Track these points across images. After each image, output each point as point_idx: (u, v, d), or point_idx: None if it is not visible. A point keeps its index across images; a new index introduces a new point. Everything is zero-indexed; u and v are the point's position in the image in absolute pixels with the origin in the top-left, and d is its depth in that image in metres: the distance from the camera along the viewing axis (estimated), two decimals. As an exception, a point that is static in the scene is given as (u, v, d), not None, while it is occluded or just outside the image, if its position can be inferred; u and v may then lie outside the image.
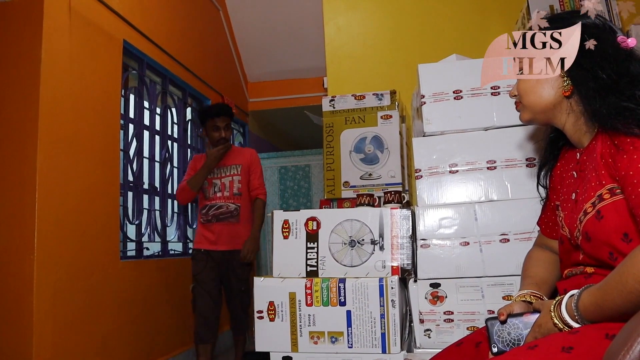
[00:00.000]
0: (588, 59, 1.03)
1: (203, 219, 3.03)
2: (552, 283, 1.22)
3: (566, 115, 1.10)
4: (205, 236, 3.01)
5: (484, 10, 2.92)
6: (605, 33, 1.06)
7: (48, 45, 2.38)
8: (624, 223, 0.95)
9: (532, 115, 1.15)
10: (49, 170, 2.34)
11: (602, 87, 1.00)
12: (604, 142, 1.01)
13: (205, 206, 3.04)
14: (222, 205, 3.03)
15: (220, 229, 3.01)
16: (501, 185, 1.59)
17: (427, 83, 1.66)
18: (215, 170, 3.07)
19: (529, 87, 1.12)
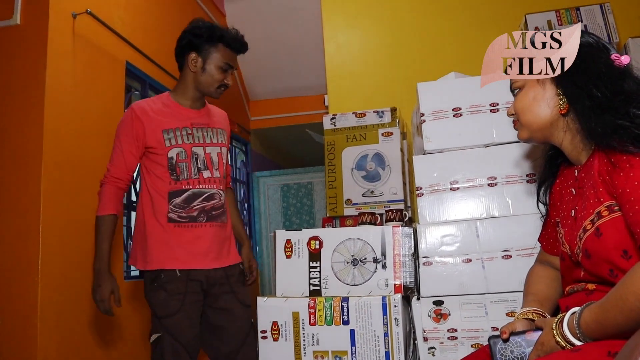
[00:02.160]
0: (583, 77, 1.04)
1: (175, 217, 1.81)
2: (554, 300, 1.23)
3: (563, 133, 1.11)
4: (183, 246, 1.81)
5: (482, 27, 2.95)
6: (598, 51, 1.07)
7: (52, 68, 2.41)
8: (623, 240, 0.95)
9: (529, 134, 1.16)
10: (53, 191, 2.36)
11: (597, 105, 1.01)
12: (600, 159, 1.02)
13: (178, 193, 1.83)
14: (212, 193, 1.89)
15: (211, 235, 1.87)
16: (502, 201, 1.60)
17: (427, 101, 1.67)
18: (196, 131, 1.89)
19: (525, 105, 1.14)
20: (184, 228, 1.82)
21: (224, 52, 1.88)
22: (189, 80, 1.91)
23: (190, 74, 1.90)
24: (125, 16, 3.05)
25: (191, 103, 1.93)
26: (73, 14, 2.56)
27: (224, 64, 1.88)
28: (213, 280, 1.86)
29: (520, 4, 2.75)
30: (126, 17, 3.07)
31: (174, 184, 1.83)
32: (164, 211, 1.81)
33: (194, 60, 1.87)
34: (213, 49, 1.86)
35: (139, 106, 1.85)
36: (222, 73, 1.88)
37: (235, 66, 1.95)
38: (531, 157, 1.60)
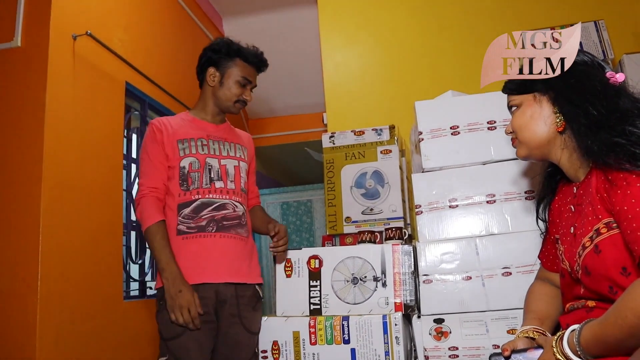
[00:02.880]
0: (578, 95, 1.06)
1: (184, 228, 1.72)
2: (554, 317, 1.22)
3: (561, 150, 1.12)
4: (190, 259, 1.69)
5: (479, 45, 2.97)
6: (594, 69, 1.09)
7: (52, 89, 2.42)
8: (622, 257, 0.95)
9: (528, 151, 1.17)
10: (53, 212, 2.36)
11: (593, 123, 1.02)
12: (598, 176, 1.02)
13: (187, 204, 1.74)
14: (225, 203, 1.78)
15: (223, 246, 1.73)
16: (501, 218, 1.60)
17: (425, 119, 1.68)
18: (212, 143, 1.85)
19: (523, 123, 1.15)
20: (191, 239, 1.71)
21: (242, 66, 1.88)
22: (207, 95, 1.91)
23: (209, 89, 1.91)
24: (125, 37, 3.08)
25: (210, 118, 1.92)
26: (73, 35, 2.58)
27: (241, 79, 1.87)
28: (223, 297, 1.68)
29: (516, 22, 2.79)
30: (126, 38, 3.10)
31: (182, 196, 1.75)
32: (174, 224, 1.73)
33: (212, 75, 1.88)
34: (231, 63, 1.88)
35: (157, 120, 1.86)
36: (240, 88, 1.87)
37: (253, 82, 1.93)
38: (529, 174, 1.60)
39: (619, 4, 2.87)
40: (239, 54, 1.89)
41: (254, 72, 1.93)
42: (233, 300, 1.70)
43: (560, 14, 2.85)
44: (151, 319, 3.05)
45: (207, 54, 1.91)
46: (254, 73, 1.93)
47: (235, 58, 1.88)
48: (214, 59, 1.89)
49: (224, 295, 1.68)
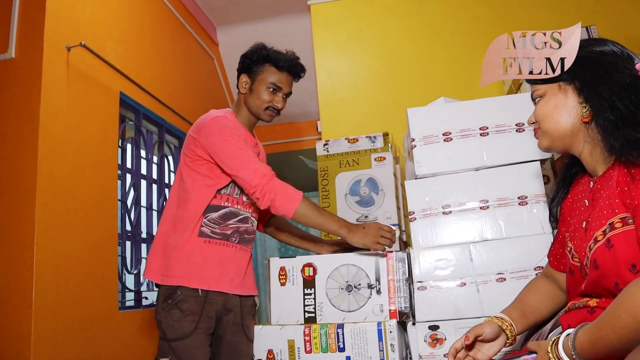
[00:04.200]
0: (606, 88, 1.02)
1: (208, 231, 1.68)
2: (541, 314, 1.22)
3: (583, 143, 1.09)
4: (211, 265, 1.66)
5: (471, 52, 3.00)
6: (623, 61, 1.05)
7: (46, 100, 2.42)
8: (634, 254, 0.94)
9: (550, 142, 1.14)
10: (47, 222, 2.35)
11: (619, 118, 1.00)
12: (620, 171, 1.00)
13: (216, 208, 1.70)
14: (247, 217, 1.78)
15: (240, 259, 1.74)
16: (495, 224, 1.60)
17: (417, 126, 1.69)
18: None
19: (547, 112, 1.12)
20: (214, 245, 1.68)
21: (272, 72, 1.82)
22: (241, 102, 1.87)
23: (242, 97, 1.87)
24: (118, 48, 3.09)
25: (248, 127, 1.88)
26: (67, 46, 2.58)
27: (270, 84, 1.81)
28: (230, 307, 1.69)
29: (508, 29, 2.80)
30: (120, 49, 3.10)
31: (213, 198, 1.70)
32: (196, 224, 1.68)
33: (244, 82, 1.85)
34: (261, 69, 1.83)
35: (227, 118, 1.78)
36: (270, 94, 1.81)
37: (285, 88, 1.86)
38: (523, 179, 1.61)
39: (611, 10, 2.90)
40: (268, 59, 1.83)
41: (287, 78, 1.86)
42: (237, 310, 1.71)
43: (552, 20, 2.88)
44: (147, 330, 3.05)
45: (241, 61, 1.89)
46: (286, 79, 1.86)
47: (264, 64, 1.83)
48: (246, 65, 1.85)
49: (230, 305, 1.69)
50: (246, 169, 1.62)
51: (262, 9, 4.27)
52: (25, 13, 2.51)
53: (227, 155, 1.66)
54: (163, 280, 1.66)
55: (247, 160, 1.64)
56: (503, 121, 1.64)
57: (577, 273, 1.10)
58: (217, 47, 4.77)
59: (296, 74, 1.90)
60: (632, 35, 2.81)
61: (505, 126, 1.64)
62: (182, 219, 1.69)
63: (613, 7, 2.93)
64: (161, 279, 1.67)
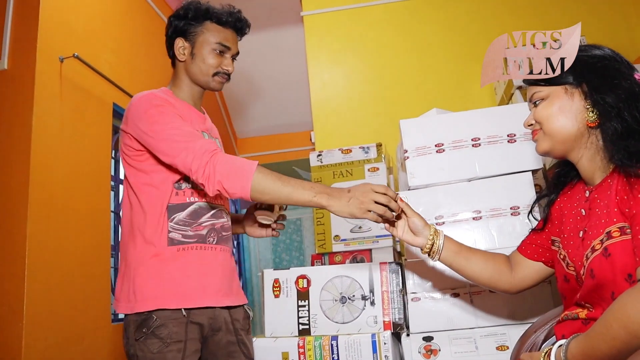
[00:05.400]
0: (614, 94, 1.02)
1: (179, 236, 1.40)
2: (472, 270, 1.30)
3: (584, 149, 1.08)
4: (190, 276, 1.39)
5: (463, 63, 3.03)
6: (627, 69, 1.06)
7: (39, 110, 2.42)
8: (630, 263, 0.93)
9: (551, 145, 1.12)
10: (40, 234, 2.34)
11: (624, 127, 1.00)
12: (620, 179, 1.00)
13: (181, 207, 1.43)
14: (221, 210, 1.52)
15: (223, 262, 1.48)
16: (488, 235, 1.61)
17: (409, 138, 1.70)
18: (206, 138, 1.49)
19: (551, 114, 1.10)
20: (191, 251, 1.40)
21: (214, 30, 1.53)
22: (181, 73, 1.57)
23: (181, 66, 1.57)
24: (111, 59, 3.10)
25: (193, 102, 1.58)
26: (60, 57, 2.59)
27: (217, 45, 1.52)
28: (218, 324, 1.42)
29: (499, 39, 2.83)
30: (113, 60, 3.11)
31: (174, 195, 1.41)
32: (161, 232, 1.39)
33: (181, 47, 1.54)
34: (200, 28, 1.52)
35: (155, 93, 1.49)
36: (217, 57, 1.52)
37: (233, 48, 1.57)
38: (515, 189, 1.62)
39: (600, 22, 2.93)
40: (209, 15, 1.53)
41: (233, 36, 1.57)
42: (229, 327, 1.45)
43: (542, 31, 2.91)
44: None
45: (172, 23, 1.56)
46: (232, 37, 1.57)
47: (204, 22, 1.53)
48: (181, 27, 1.53)
49: (218, 323, 1.43)
50: (182, 150, 1.31)
51: (255, 19, 4.26)
52: (19, 24, 2.51)
53: (160, 139, 1.35)
54: (132, 308, 1.35)
55: (183, 139, 1.33)
56: (495, 132, 1.65)
57: (572, 281, 1.10)
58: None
59: (241, 29, 1.61)
60: (621, 45, 2.84)
61: (496, 137, 1.65)
62: (142, 230, 1.39)
63: (602, 19, 2.96)
64: (129, 307, 1.36)
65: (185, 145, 1.31)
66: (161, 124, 1.36)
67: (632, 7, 3.00)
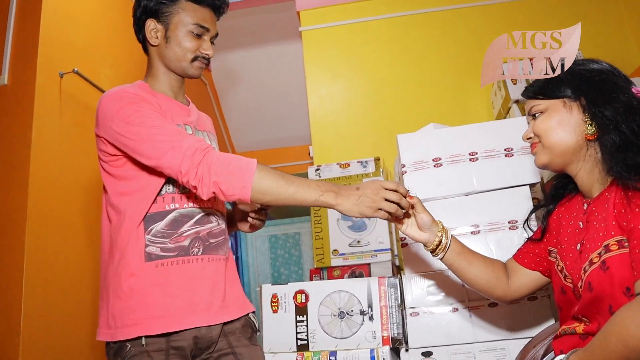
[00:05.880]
0: (612, 107, 1.03)
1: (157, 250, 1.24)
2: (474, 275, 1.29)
3: (583, 161, 1.09)
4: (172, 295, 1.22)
5: (460, 77, 3.05)
6: (624, 82, 1.07)
7: (38, 125, 2.43)
8: (628, 277, 0.94)
9: (550, 158, 1.13)
10: (38, 247, 2.33)
11: (623, 140, 1.00)
12: (617, 192, 1.01)
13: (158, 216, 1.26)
14: (208, 213, 1.34)
15: (213, 274, 1.30)
16: (486, 249, 1.61)
17: (407, 152, 1.70)
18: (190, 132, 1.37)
19: (550, 127, 1.11)
20: (171, 267, 1.23)
21: (190, 9, 1.34)
22: (155, 60, 1.39)
23: (154, 51, 1.39)
24: (111, 73, 3.11)
25: (173, 93, 1.41)
26: (60, 73, 2.60)
27: (194, 27, 1.34)
28: (207, 342, 1.26)
29: (496, 54, 2.86)
30: (112, 74, 3.12)
31: (153, 204, 1.25)
32: (139, 246, 1.22)
33: (153, 30, 1.35)
34: (174, 8, 1.34)
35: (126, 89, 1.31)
36: (194, 39, 1.34)
37: (212, 29, 1.39)
38: (512, 203, 1.62)
39: (596, 36, 2.95)
40: None
41: (211, 15, 1.39)
42: (222, 338, 1.30)
43: (539, 46, 2.93)
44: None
45: (141, 3, 1.37)
46: (210, 16, 1.39)
47: (178, 0, 1.35)
48: (152, 7, 1.35)
49: (208, 340, 1.26)
50: (169, 150, 1.17)
51: (253, 35, 4.32)
52: (19, 40, 2.53)
53: (141, 141, 1.20)
54: (111, 335, 1.20)
55: (168, 138, 1.18)
56: (492, 146, 1.66)
57: (569, 293, 1.10)
58: (209, 73, 4.81)
59: (219, 8, 1.42)
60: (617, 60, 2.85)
61: (494, 151, 1.66)
62: (119, 246, 1.24)
63: (598, 33, 2.99)
64: (108, 333, 1.21)
65: (172, 145, 1.16)
66: (138, 123, 1.21)
67: (627, 21, 3.03)
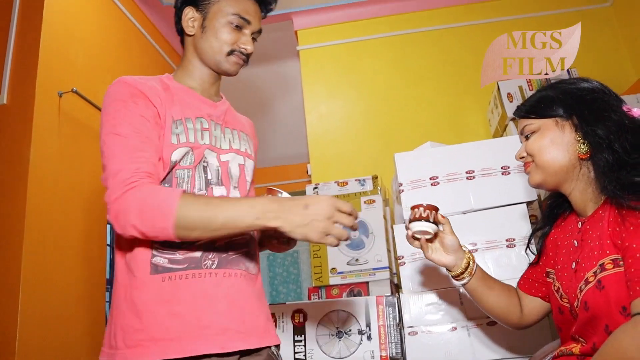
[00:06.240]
0: (605, 126, 1.03)
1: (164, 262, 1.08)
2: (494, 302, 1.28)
3: (576, 180, 1.09)
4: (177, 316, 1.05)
5: (457, 95, 3.07)
6: (616, 101, 1.08)
7: (37, 145, 2.43)
8: (624, 296, 0.93)
9: (543, 177, 1.12)
10: (35, 269, 2.32)
11: (615, 159, 1.00)
12: (611, 211, 1.00)
13: None
14: None
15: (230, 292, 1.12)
16: (484, 267, 1.60)
17: (404, 171, 1.71)
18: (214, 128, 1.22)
19: (543, 146, 1.11)
20: (180, 281, 1.06)
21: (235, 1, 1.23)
22: (189, 52, 1.27)
23: (189, 41, 1.27)
24: (110, 93, 3.13)
25: (202, 88, 1.27)
26: (59, 92, 2.61)
27: (233, 17, 1.21)
28: None
29: (492, 72, 2.88)
30: (111, 94, 3.14)
31: None
32: (145, 257, 1.08)
33: (191, 19, 1.24)
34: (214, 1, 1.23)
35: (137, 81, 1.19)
36: (233, 31, 1.22)
37: (254, 23, 1.25)
38: (510, 221, 1.62)
39: (591, 53, 2.98)
40: None
41: (255, 8, 1.26)
42: None
43: (534, 64, 2.96)
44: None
45: None
46: (254, 9, 1.26)
47: None
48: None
49: None
50: (109, 174, 1.05)
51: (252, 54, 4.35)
52: (19, 60, 2.54)
53: (103, 153, 1.10)
54: (111, 357, 1.07)
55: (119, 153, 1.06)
56: (488, 164, 1.67)
57: (567, 313, 1.10)
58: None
59: (265, 2, 1.29)
60: (612, 77, 2.89)
61: (490, 169, 1.67)
62: (127, 256, 1.11)
63: (593, 50, 3.01)
64: (110, 354, 1.08)
65: (119, 167, 1.04)
66: (112, 125, 1.10)
67: (622, 40, 3.06)
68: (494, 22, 3.19)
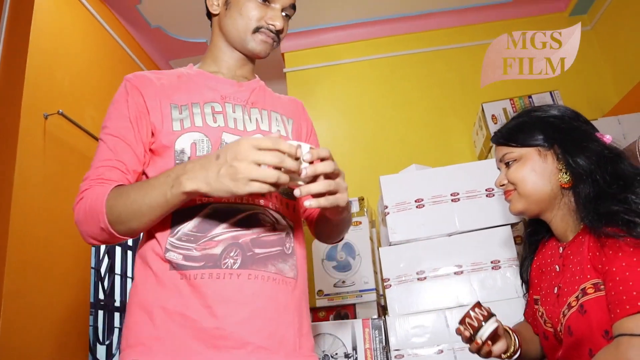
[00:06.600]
0: (585, 156, 1.04)
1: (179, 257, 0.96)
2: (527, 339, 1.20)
3: (557, 209, 1.10)
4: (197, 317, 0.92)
5: (442, 116, 3.10)
6: (589, 127, 1.09)
7: (21, 167, 2.41)
8: (606, 319, 0.94)
9: (525, 206, 1.12)
10: (17, 292, 2.29)
11: (596, 191, 1.01)
12: (591, 236, 1.01)
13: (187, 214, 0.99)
14: (257, 213, 1.03)
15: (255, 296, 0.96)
16: (469, 289, 1.61)
17: (390, 193, 1.72)
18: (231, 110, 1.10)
19: (525, 175, 1.10)
20: (194, 280, 0.94)
21: None
22: (215, 35, 1.17)
23: (215, 22, 1.17)
24: (95, 114, 3.12)
25: (227, 71, 1.17)
26: (45, 114, 2.60)
27: None
28: None
29: (476, 94, 2.91)
30: (97, 116, 3.13)
31: None
32: (158, 252, 0.98)
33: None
34: None
35: (137, 74, 1.12)
36: (259, 6, 1.10)
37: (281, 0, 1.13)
38: (495, 243, 1.63)
39: (574, 75, 3.03)
40: None
41: None
42: None
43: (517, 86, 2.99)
44: (118, 404, 2.91)
45: None
46: None
47: None
48: None
49: None
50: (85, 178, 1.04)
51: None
52: (4, 81, 2.53)
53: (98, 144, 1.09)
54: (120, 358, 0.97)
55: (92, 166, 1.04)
56: (473, 187, 1.69)
57: (551, 338, 1.10)
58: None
59: None
60: (595, 98, 2.94)
61: (475, 191, 1.68)
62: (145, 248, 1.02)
63: (576, 72, 3.06)
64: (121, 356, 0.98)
65: (86, 176, 1.03)
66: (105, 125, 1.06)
67: (603, 62, 3.11)
68: (480, 45, 3.22)
